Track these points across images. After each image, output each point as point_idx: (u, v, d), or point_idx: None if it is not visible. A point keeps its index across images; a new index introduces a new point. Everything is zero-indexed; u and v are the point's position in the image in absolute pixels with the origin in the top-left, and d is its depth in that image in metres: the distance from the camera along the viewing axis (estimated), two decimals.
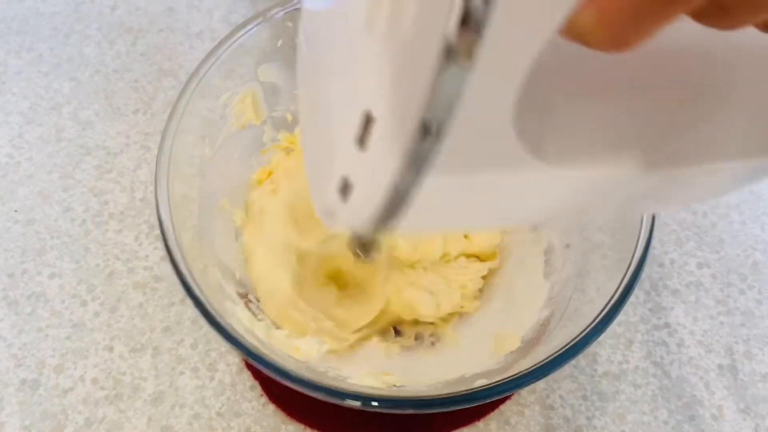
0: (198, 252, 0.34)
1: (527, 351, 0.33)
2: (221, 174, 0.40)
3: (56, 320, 0.41)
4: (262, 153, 0.43)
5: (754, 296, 0.44)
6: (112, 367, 0.40)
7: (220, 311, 0.30)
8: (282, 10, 0.38)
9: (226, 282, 0.37)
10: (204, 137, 0.37)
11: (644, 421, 0.39)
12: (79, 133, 0.49)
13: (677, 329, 0.43)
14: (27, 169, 0.47)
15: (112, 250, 0.44)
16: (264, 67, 0.40)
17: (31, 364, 0.40)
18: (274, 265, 0.40)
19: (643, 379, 0.41)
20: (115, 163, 0.48)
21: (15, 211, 0.46)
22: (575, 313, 0.33)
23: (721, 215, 0.47)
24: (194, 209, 0.36)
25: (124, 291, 0.42)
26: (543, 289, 0.38)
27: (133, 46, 0.54)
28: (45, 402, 0.39)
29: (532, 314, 0.37)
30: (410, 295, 0.39)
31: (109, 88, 0.52)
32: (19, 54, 0.53)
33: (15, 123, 0.50)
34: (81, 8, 0.56)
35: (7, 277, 0.43)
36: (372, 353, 0.39)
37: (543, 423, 0.39)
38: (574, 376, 0.40)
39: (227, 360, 0.40)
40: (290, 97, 0.43)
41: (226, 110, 0.39)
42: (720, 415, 0.40)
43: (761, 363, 0.42)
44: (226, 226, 0.41)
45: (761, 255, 0.46)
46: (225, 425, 0.38)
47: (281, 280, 0.39)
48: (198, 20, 0.56)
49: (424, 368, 0.38)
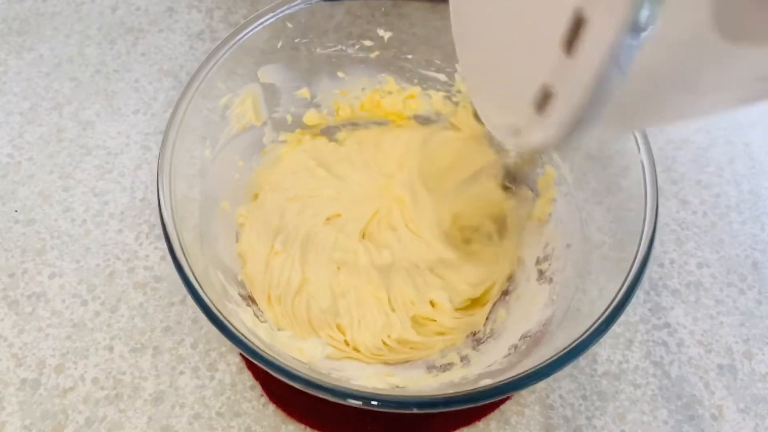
0: (200, 253, 0.34)
1: (530, 351, 0.33)
2: (222, 176, 0.40)
3: (56, 320, 0.41)
4: (262, 154, 0.43)
5: (753, 296, 0.44)
6: (112, 366, 0.40)
7: (223, 312, 0.30)
8: (282, 10, 0.38)
9: (229, 284, 0.37)
10: (205, 137, 0.38)
11: (644, 420, 0.39)
12: (79, 133, 0.49)
13: (677, 329, 0.43)
14: (27, 169, 0.47)
15: (113, 250, 0.44)
16: (264, 69, 0.40)
17: (32, 364, 0.40)
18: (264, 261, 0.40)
19: (642, 378, 0.41)
20: (115, 163, 0.48)
21: (15, 211, 0.46)
22: (577, 314, 0.33)
23: (721, 215, 0.47)
24: (195, 210, 0.36)
25: (125, 291, 0.42)
26: (544, 290, 0.38)
27: (134, 46, 0.54)
28: (45, 402, 0.39)
29: (535, 314, 0.37)
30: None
31: (110, 89, 0.52)
32: (20, 54, 0.53)
33: (16, 123, 0.50)
34: (81, 8, 0.56)
35: (7, 276, 0.43)
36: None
37: (543, 423, 0.39)
38: (573, 376, 0.40)
39: (227, 360, 0.40)
40: (290, 98, 0.43)
41: (227, 112, 0.39)
42: (720, 415, 0.40)
43: (761, 363, 0.42)
44: (227, 229, 0.41)
45: (761, 255, 0.46)
46: (225, 425, 0.38)
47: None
48: (198, 20, 0.56)
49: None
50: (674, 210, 0.47)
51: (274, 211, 0.42)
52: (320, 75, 0.43)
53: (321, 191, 0.44)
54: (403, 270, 0.40)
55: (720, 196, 0.48)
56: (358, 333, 0.38)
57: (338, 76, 0.43)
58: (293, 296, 0.39)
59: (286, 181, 0.44)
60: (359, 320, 0.39)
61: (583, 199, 0.38)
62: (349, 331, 0.38)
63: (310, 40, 0.41)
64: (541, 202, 0.41)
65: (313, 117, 0.45)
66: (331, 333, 0.38)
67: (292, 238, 0.41)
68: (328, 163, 0.45)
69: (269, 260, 0.40)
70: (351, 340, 0.38)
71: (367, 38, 0.42)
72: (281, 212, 0.42)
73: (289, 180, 0.44)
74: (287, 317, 0.39)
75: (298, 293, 0.39)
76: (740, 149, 0.51)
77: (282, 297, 0.39)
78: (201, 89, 0.36)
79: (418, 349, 0.39)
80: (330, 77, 0.43)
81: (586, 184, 0.38)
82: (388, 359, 0.38)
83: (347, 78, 0.44)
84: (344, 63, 0.43)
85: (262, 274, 0.40)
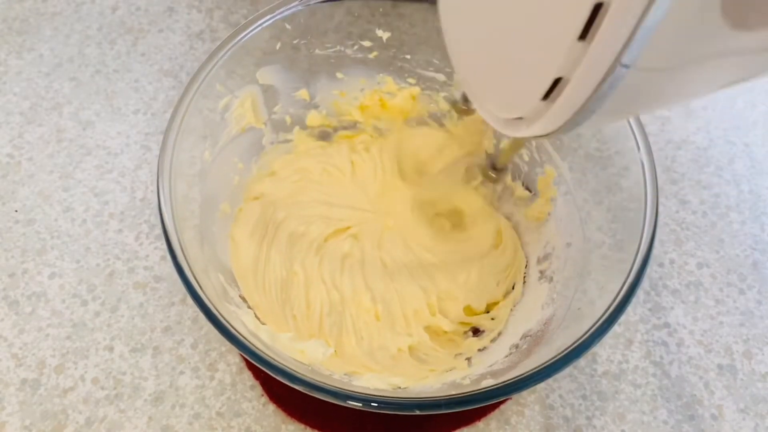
0: (200, 253, 0.34)
1: (530, 351, 0.33)
2: (222, 177, 0.40)
3: (57, 320, 0.41)
4: (261, 155, 0.43)
5: (753, 296, 0.44)
6: (112, 366, 0.40)
7: (223, 313, 0.29)
8: (282, 11, 0.38)
9: (230, 286, 0.37)
10: (205, 138, 0.38)
11: (644, 420, 0.39)
12: (79, 133, 0.49)
13: (677, 329, 0.43)
14: (27, 169, 0.47)
15: (113, 250, 0.44)
16: (263, 70, 0.40)
17: (32, 364, 0.40)
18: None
19: (642, 378, 0.41)
20: (115, 163, 0.48)
21: (15, 211, 0.46)
22: (578, 314, 0.33)
23: (721, 215, 0.47)
24: (195, 210, 0.36)
25: (125, 291, 0.42)
26: (544, 289, 0.38)
27: (134, 46, 0.54)
28: (45, 402, 0.39)
29: (536, 313, 0.37)
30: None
31: (110, 89, 0.52)
32: (20, 54, 0.53)
33: (16, 123, 0.50)
34: (82, 8, 0.56)
35: (7, 276, 0.43)
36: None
37: (543, 423, 0.39)
38: (573, 376, 0.40)
39: (227, 360, 0.40)
40: (289, 99, 0.43)
41: (227, 114, 0.39)
42: (720, 415, 0.40)
43: (761, 363, 0.42)
44: (227, 231, 0.41)
45: (761, 255, 0.46)
46: (225, 425, 0.38)
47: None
48: (198, 20, 0.56)
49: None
50: (674, 210, 0.47)
51: (266, 210, 0.42)
52: (319, 76, 0.43)
53: (312, 195, 0.44)
54: (407, 276, 0.40)
55: (720, 196, 0.48)
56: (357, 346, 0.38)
57: (337, 76, 0.43)
58: (281, 295, 0.39)
59: (282, 185, 0.44)
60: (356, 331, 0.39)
61: (582, 198, 0.38)
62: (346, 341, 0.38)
63: (309, 41, 0.41)
64: (541, 202, 0.41)
65: (314, 118, 0.45)
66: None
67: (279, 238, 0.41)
68: (322, 167, 0.45)
69: (258, 259, 0.40)
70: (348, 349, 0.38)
71: (366, 39, 0.42)
72: (273, 212, 0.42)
73: (284, 183, 0.44)
74: (275, 314, 0.39)
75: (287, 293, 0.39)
76: (740, 149, 0.51)
77: (273, 295, 0.39)
78: (201, 90, 0.36)
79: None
80: (329, 78, 0.43)
81: (585, 183, 0.38)
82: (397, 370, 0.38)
83: (346, 79, 0.44)
84: (343, 64, 0.43)
85: (251, 272, 0.40)
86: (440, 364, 0.38)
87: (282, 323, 0.38)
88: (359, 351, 0.38)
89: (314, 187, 0.44)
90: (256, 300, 0.39)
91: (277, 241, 0.41)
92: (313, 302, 0.39)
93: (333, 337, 0.38)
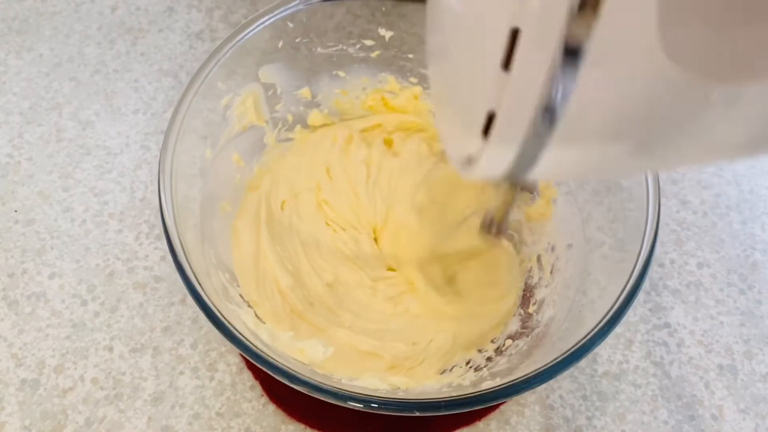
0: (200, 253, 0.34)
1: (531, 352, 0.33)
2: (223, 176, 0.40)
3: (56, 320, 0.41)
4: (263, 154, 0.43)
5: (754, 296, 0.44)
6: (112, 367, 0.40)
7: (224, 313, 0.29)
8: (283, 10, 0.38)
9: (230, 285, 0.37)
10: (206, 137, 0.37)
11: (644, 421, 0.39)
12: (79, 133, 0.49)
13: (677, 329, 0.43)
14: (27, 169, 0.47)
15: (112, 250, 0.44)
16: (265, 69, 0.40)
17: (32, 364, 0.40)
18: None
19: (643, 379, 0.41)
20: (115, 163, 0.48)
21: (15, 211, 0.45)
22: (578, 315, 0.32)
23: (721, 215, 0.47)
24: (196, 209, 0.36)
25: (124, 291, 0.42)
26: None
27: (134, 46, 0.54)
28: (45, 402, 0.38)
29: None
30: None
31: (110, 88, 0.52)
32: (20, 54, 0.53)
33: (15, 123, 0.50)
34: (81, 8, 0.56)
35: (7, 277, 0.43)
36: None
37: (543, 423, 0.39)
38: (574, 376, 0.40)
39: (227, 360, 0.40)
40: (291, 97, 0.43)
41: (228, 112, 0.39)
42: (720, 415, 0.40)
43: (761, 363, 0.42)
44: (228, 228, 0.41)
45: (761, 255, 0.46)
46: (225, 425, 0.38)
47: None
48: (198, 20, 0.56)
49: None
50: (674, 210, 0.47)
51: (265, 205, 0.42)
52: (321, 74, 0.43)
53: (314, 195, 0.43)
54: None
55: (720, 196, 0.48)
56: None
57: (339, 75, 0.43)
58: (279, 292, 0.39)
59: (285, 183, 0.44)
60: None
61: (583, 199, 0.38)
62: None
63: (310, 40, 0.41)
64: (542, 202, 0.41)
65: (316, 117, 0.45)
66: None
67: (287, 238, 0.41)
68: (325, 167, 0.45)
69: (258, 255, 0.40)
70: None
71: (367, 38, 0.42)
72: (275, 208, 0.42)
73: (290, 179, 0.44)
74: (275, 306, 0.39)
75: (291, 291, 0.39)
76: None
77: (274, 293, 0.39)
78: (201, 89, 0.36)
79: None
80: (330, 77, 0.43)
81: (586, 183, 0.38)
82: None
83: (348, 77, 0.44)
84: (345, 62, 0.43)
85: (251, 266, 0.40)
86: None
87: (281, 316, 0.38)
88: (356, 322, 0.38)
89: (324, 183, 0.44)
90: (255, 298, 0.39)
91: (277, 232, 0.41)
92: (308, 281, 0.39)
93: (331, 311, 0.38)
